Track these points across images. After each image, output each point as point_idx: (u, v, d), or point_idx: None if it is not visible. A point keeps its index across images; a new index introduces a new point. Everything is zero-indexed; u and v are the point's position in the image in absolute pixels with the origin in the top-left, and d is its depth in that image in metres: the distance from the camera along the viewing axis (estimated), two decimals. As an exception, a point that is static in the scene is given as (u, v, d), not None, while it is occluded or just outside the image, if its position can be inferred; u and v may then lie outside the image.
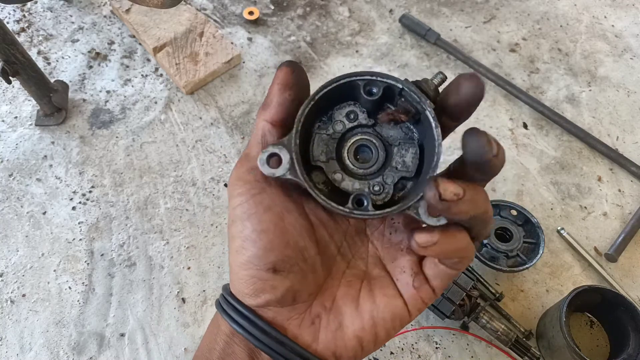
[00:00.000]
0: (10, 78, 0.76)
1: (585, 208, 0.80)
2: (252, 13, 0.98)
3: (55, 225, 0.76)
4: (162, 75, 0.92)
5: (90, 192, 0.79)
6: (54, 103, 0.82)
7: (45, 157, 0.82)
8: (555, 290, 0.73)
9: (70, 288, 0.71)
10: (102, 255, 0.74)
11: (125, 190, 0.79)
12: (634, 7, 1.04)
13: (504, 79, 0.91)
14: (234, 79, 0.92)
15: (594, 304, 0.68)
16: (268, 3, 1.02)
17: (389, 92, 0.31)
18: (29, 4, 0.99)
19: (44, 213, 0.77)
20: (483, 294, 0.68)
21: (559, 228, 0.77)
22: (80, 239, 0.75)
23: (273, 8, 1.01)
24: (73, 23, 0.98)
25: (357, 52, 0.96)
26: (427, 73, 0.93)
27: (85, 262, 0.73)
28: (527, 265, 0.69)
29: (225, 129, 0.86)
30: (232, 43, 0.93)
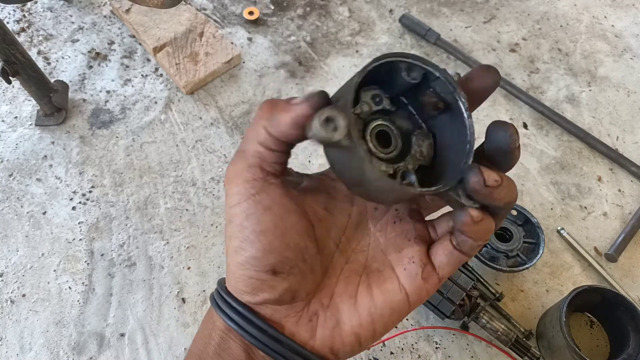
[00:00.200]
0: (10, 78, 0.76)
1: (585, 208, 0.80)
2: (252, 13, 0.98)
3: (55, 225, 0.76)
4: (162, 75, 0.92)
5: (90, 192, 0.79)
6: (54, 103, 0.82)
7: (45, 157, 0.82)
8: (555, 290, 0.73)
9: (70, 288, 0.71)
10: (102, 255, 0.74)
11: (125, 190, 0.80)
12: (634, 7, 1.04)
13: (504, 79, 0.91)
14: (234, 79, 0.92)
15: (594, 304, 0.68)
16: (268, 3, 1.02)
17: (425, 78, 0.32)
18: (29, 4, 0.99)
19: (44, 213, 0.77)
20: (483, 294, 0.68)
21: (559, 228, 0.77)
22: (80, 239, 0.75)
23: (273, 8, 1.01)
24: (73, 23, 0.98)
25: (357, 52, 0.96)
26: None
27: (85, 262, 0.73)
28: (527, 265, 0.69)
29: (225, 129, 0.86)
30: (232, 43, 0.93)
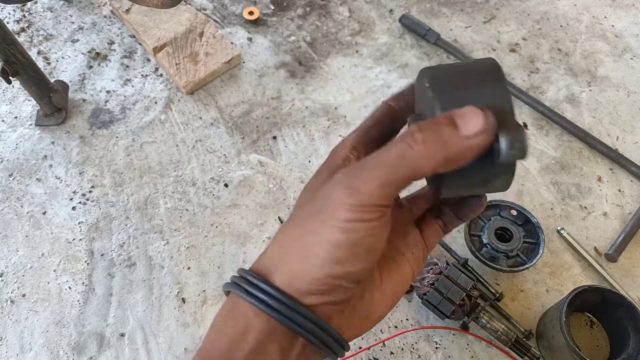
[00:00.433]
0: (10, 78, 0.76)
1: (585, 208, 0.80)
2: (252, 13, 0.98)
3: (55, 225, 0.76)
4: (162, 75, 0.92)
5: (90, 192, 0.79)
6: (54, 103, 0.82)
7: (45, 157, 0.82)
8: (555, 290, 0.73)
9: (70, 288, 0.71)
10: (102, 255, 0.74)
11: (125, 190, 0.80)
12: (634, 7, 1.04)
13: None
14: (234, 79, 0.92)
15: (594, 304, 0.68)
16: (268, 3, 1.02)
17: None
18: (29, 4, 0.99)
19: (44, 213, 0.77)
20: (483, 294, 0.68)
21: (559, 228, 0.77)
22: (80, 239, 0.75)
23: (273, 8, 1.01)
24: (73, 23, 0.98)
25: (357, 52, 0.96)
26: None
27: (85, 262, 0.73)
28: (527, 265, 0.69)
29: (225, 129, 0.86)
30: (232, 43, 0.93)
